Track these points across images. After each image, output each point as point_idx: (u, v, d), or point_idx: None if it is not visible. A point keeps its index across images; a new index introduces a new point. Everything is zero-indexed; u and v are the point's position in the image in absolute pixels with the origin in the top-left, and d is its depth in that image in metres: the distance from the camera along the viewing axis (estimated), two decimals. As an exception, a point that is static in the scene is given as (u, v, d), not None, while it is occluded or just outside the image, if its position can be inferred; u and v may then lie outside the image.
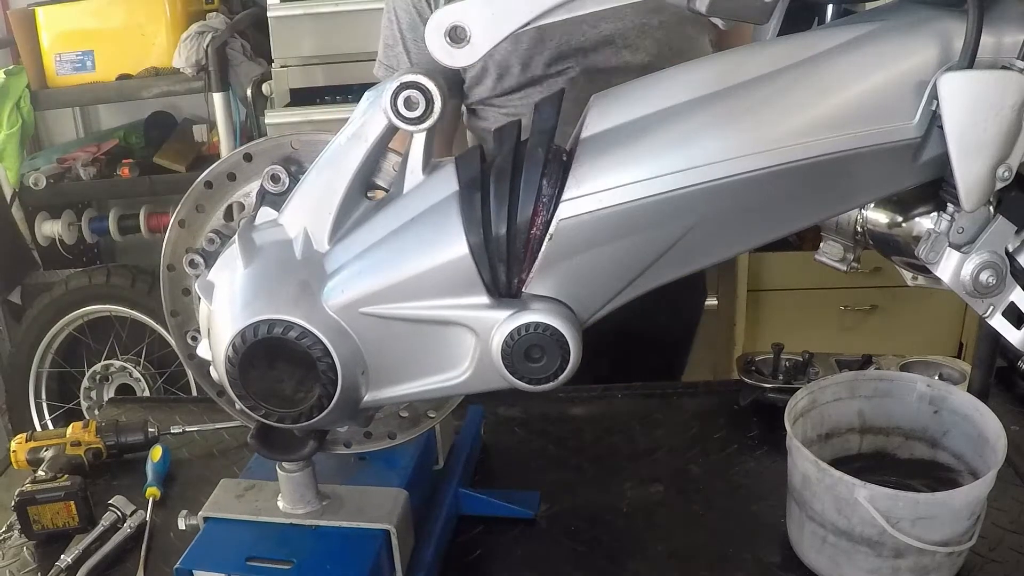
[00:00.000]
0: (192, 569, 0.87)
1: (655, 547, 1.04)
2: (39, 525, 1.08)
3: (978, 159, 0.67)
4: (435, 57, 0.68)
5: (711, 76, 0.72)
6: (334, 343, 0.72)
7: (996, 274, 0.74)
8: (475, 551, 1.05)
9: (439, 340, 0.74)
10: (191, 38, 2.53)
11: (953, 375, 1.23)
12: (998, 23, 0.67)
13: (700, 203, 0.70)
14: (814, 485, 0.94)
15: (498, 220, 0.70)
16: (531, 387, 0.73)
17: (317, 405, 0.73)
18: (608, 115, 0.71)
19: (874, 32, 0.70)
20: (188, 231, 0.84)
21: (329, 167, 0.74)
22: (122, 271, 2.69)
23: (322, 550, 0.88)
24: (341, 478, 0.96)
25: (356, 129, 0.74)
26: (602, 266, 0.72)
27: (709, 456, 1.20)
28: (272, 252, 0.75)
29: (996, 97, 0.66)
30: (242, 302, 0.72)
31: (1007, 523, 1.03)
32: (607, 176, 0.69)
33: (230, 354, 0.72)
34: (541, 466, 1.20)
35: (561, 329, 0.71)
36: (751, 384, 1.27)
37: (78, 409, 2.78)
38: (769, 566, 1.00)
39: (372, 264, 0.73)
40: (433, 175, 0.74)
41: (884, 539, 0.90)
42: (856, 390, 1.07)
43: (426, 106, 0.71)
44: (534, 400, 1.31)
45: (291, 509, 0.91)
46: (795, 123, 0.69)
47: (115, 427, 1.24)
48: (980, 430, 0.99)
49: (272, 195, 0.78)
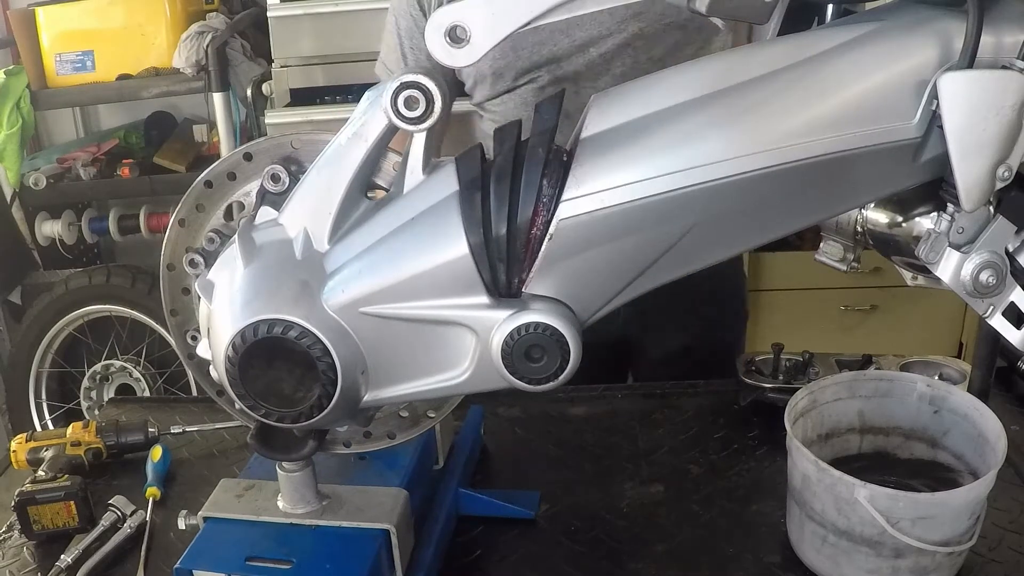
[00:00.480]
0: (192, 569, 0.87)
1: (655, 547, 1.04)
2: (39, 525, 1.08)
3: (978, 159, 0.67)
4: (435, 57, 0.68)
5: (711, 76, 0.71)
6: (334, 343, 0.72)
7: (996, 274, 0.74)
8: (475, 551, 1.05)
9: (439, 340, 0.74)
10: (191, 38, 2.53)
11: (953, 375, 1.23)
12: (998, 23, 0.67)
13: (700, 203, 0.70)
14: (814, 485, 0.94)
15: (498, 220, 0.70)
16: (531, 387, 0.73)
17: (317, 405, 0.73)
18: (608, 115, 0.71)
19: (874, 32, 0.70)
20: (188, 230, 0.84)
21: (329, 167, 0.74)
22: (122, 271, 2.69)
23: (322, 550, 0.88)
24: (341, 478, 0.96)
25: (356, 129, 0.74)
26: (602, 266, 0.72)
27: (709, 456, 1.20)
28: (272, 252, 0.75)
29: (996, 97, 0.66)
30: (242, 301, 0.72)
31: (1007, 523, 1.03)
32: (607, 176, 0.69)
33: (230, 353, 0.72)
34: (541, 466, 1.20)
35: (561, 329, 0.71)
36: (751, 384, 1.27)
37: (78, 409, 2.78)
38: (769, 566, 1.00)
39: (372, 264, 0.73)
40: (433, 175, 0.74)
41: (884, 539, 0.90)
42: (856, 390, 1.07)
43: (426, 106, 0.71)
44: (534, 400, 1.31)
45: (291, 509, 0.91)
46: (795, 123, 0.69)
47: (115, 427, 1.24)
48: (980, 430, 0.99)
49: (272, 195, 0.78)
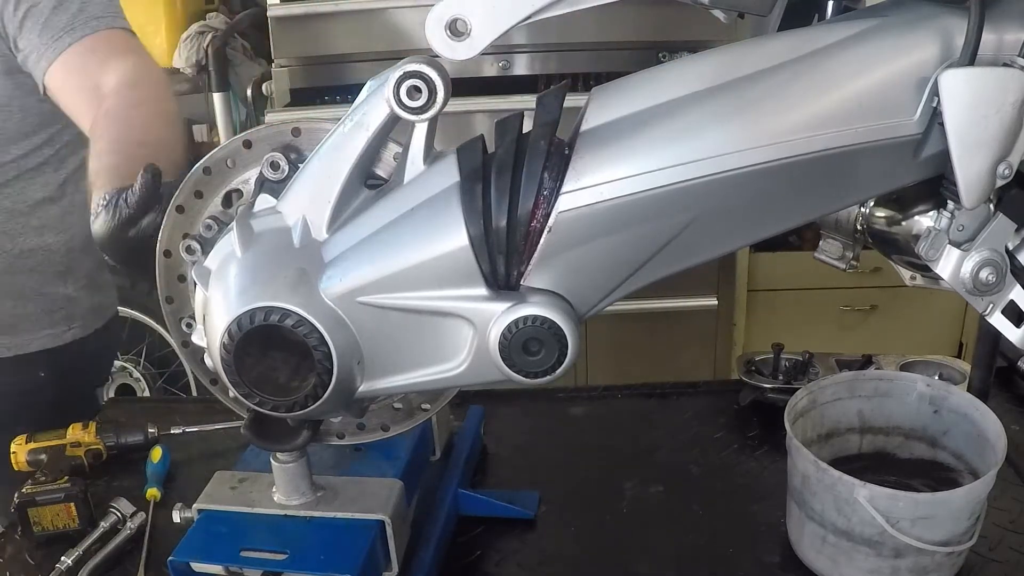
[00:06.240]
0: (186, 561, 0.87)
1: (655, 547, 1.04)
2: (39, 527, 1.07)
3: (978, 156, 0.67)
4: (435, 50, 0.68)
5: (711, 70, 0.71)
6: (330, 332, 0.71)
7: (996, 272, 0.74)
8: (475, 551, 1.04)
9: (436, 331, 0.73)
10: (191, 38, 2.54)
11: (953, 375, 1.23)
12: (999, 20, 0.67)
13: (700, 197, 0.69)
14: (814, 485, 0.94)
15: (499, 212, 0.70)
16: (528, 380, 0.73)
17: (312, 394, 0.72)
18: (608, 108, 0.71)
19: (875, 28, 0.70)
20: (185, 217, 0.83)
21: (330, 155, 0.74)
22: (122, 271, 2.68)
23: (316, 541, 0.88)
24: (336, 469, 0.96)
25: (358, 118, 0.73)
26: (601, 259, 0.72)
27: (709, 456, 1.20)
28: (270, 239, 0.74)
29: (997, 95, 0.66)
30: (239, 289, 0.72)
31: (1007, 523, 1.03)
32: (607, 169, 0.69)
33: (225, 341, 0.71)
34: (541, 466, 1.20)
35: (559, 323, 0.71)
36: (751, 384, 1.27)
37: (77, 409, 2.77)
38: (769, 566, 1.00)
39: (371, 253, 0.72)
40: (434, 166, 0.73)
41: (884, 539, 0.90)
42: (856, 390, 1.07)
43: (429, 96, 0.70)
44: (535, 400, 1.31)
45: (285, 500, 0.91)
46: (796, 118, 0.69)
47: (115, 428, 1.23)
48: (980, 430, 0.99)
49: (271, 182, 0.77)
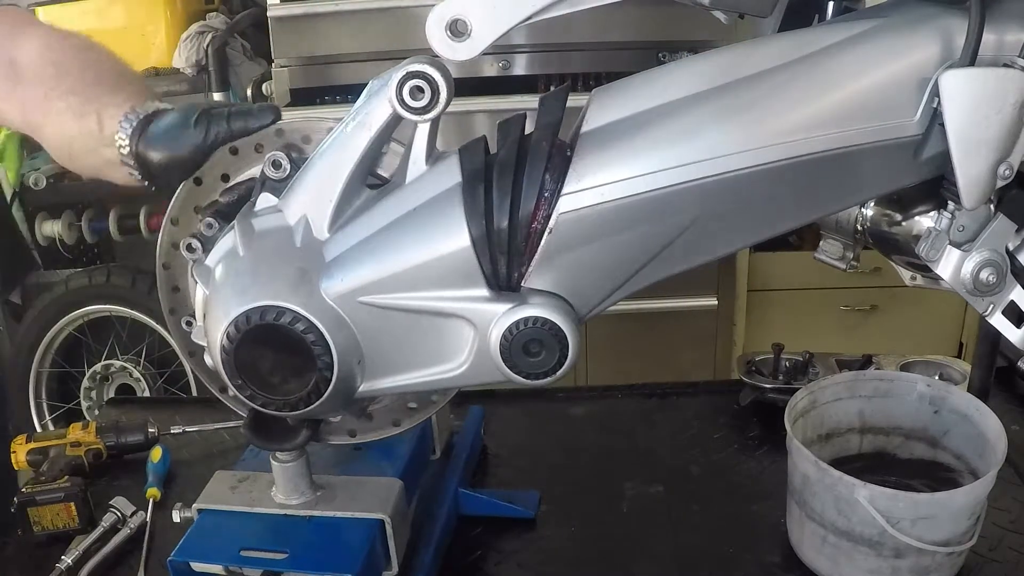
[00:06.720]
0: (186, 561, 0.87)
1: (655, 547, 1.04)
2: (39, 526, 1.07)
3: (979, 157, 0.67)
4: (436, 51, 0.68)
5: (712, 71, 0.71)
6: (331, 331, 0.71)
7: (996, 272, 0.74)
8: (475, 551, 1.04)
9: (437, 332, 0.74)
10: (191, 38, 2.53)
11: (953, 375, 1.23)
12: (1000, 21, 0.67)
13: (701, 198, 0.69)
14: (814, 485, 0.94)
15: (501, 213, 0.70)
16: (528, 381, 0.73)
17: (312, 393, 0.73)
18: (609, 109, 0.71)
19: (876, 29, 0.70)
20: (181, 229, 0.83)
21: (332, 154, 0.74)
22: (122, 271, 2.68)
23: (316, 540, 0.88)
24: (336, 469, 0.96)
25: (360, 118, 0.73)
26: (602, 261, 0.72)
27: (709, 456, 1.20)
28: (271, 238, 0.74)
29: (997, 95, 0.66)
30: (239, 288, 0.72)
31: (1007, 523, 1.03)
32: (608, 170, 0.69)
33: (226, 340, 0.71)
34: (541, 466, 1.20)
35: (560, 324, 0.71)
36: (751, 384, 1.27)
37: (78, 409, 2.77)
38: (769, 566, 1.00)
39: (372, 253, 0.72)
40: (436, 166, 0.73)
41: (884, 539, 0.90)
42: (856, 390, 1.07)
43: (431, 96, 0.70)
44: (535, 400, 1.31)
45: (285, 500, 0.91)
46: (796, 118, 0.69)
47: (115, 427, 1.24)
48: (980, 430, 0.99)
49: (273, 181, 0.77)
